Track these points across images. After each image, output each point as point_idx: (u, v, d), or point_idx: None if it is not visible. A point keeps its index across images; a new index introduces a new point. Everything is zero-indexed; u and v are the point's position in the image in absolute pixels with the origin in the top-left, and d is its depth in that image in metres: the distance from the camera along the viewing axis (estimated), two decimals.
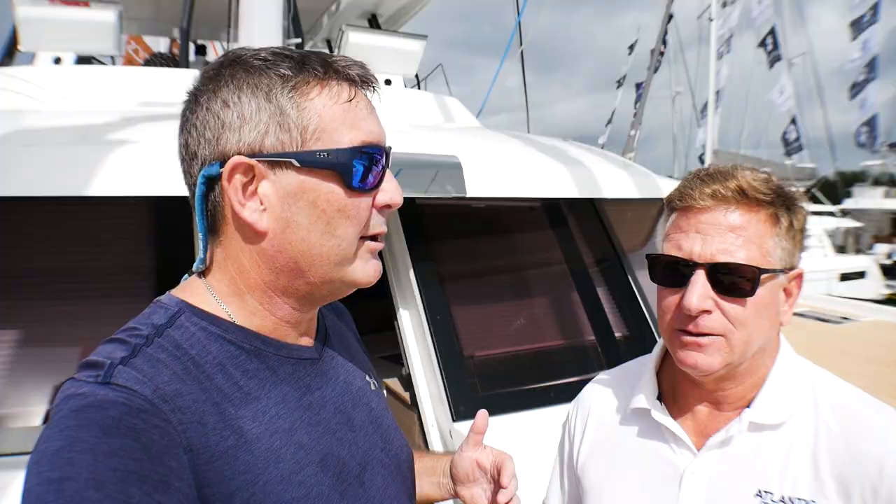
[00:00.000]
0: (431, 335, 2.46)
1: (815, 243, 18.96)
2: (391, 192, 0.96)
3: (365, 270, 0.96)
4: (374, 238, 0.97)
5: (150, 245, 2.36)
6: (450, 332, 2.51)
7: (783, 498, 1.06)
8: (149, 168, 2.23)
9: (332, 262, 0.92)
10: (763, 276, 1.05)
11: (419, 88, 6.03)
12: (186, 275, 1.00)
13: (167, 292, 0.96)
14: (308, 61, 0.90)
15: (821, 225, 20.28)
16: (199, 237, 0.94)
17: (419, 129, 3.38)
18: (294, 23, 4.30)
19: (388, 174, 0.97)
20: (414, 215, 2.73)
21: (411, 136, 3.12)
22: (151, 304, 0.93)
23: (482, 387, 2.46)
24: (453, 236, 2.89)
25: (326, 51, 6.79)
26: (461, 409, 2.34)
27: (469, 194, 2.62)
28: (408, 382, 2.63)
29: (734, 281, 1.06)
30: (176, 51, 6.54)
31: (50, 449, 0.71)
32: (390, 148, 0.99)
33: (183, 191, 2.25)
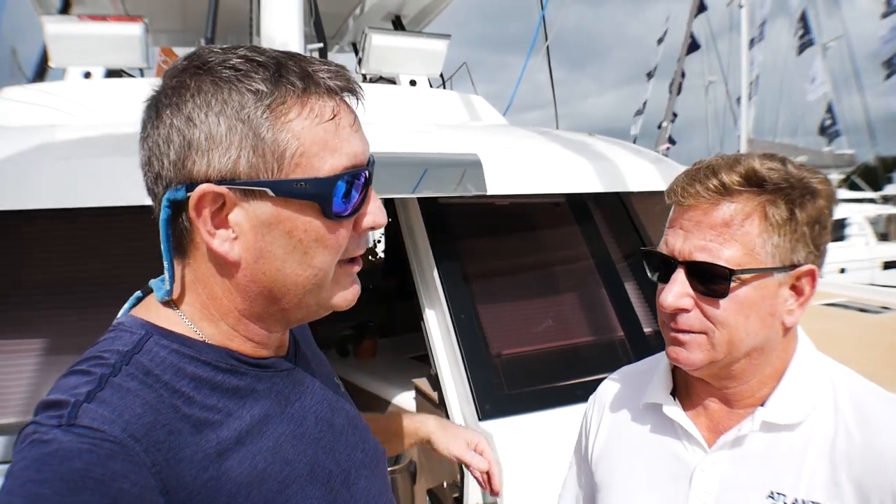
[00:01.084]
0: (456, 335, 2.46)
1: (857, 231, 18.53)
2: (375, 213, 0.91)
3: (343, 296, 0.92)
4: (352, 260, 0.92)
5: None
6: (475, 331, 2.51)
7: (796, 500, 1.02)
8: None
9: (307, 291, 0.87)
10: (744, 276, 1.02)
11: (444, 88, 6.03)
12: (140, 292, 0.94)
13: (127, 313, 0.90)
14: (285, 72, 0.82)
15: (862, 212, 19.79)
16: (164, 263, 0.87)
17: (442, 129, 3.38)
18: (316, 27, 4.33)
19: (372, 193, 0.91)
20: (437, 215, 2.73)
21: (433, 135, 3.12)
22: (112, 329, 0.86)
23: (508, 385, 2.45)
24: (477, 235, 2.88)
25: (353, 55, 6.84)
26: (487, 407, 2.34)
27: (490, 192, 2.61)
28: (436, 382, 2.63)
29: (709, 280, 1.03)
30: None
31: None
32: (372, 161, 0.91)
33: None
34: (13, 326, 2.16)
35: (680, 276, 1.06)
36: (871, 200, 24.41)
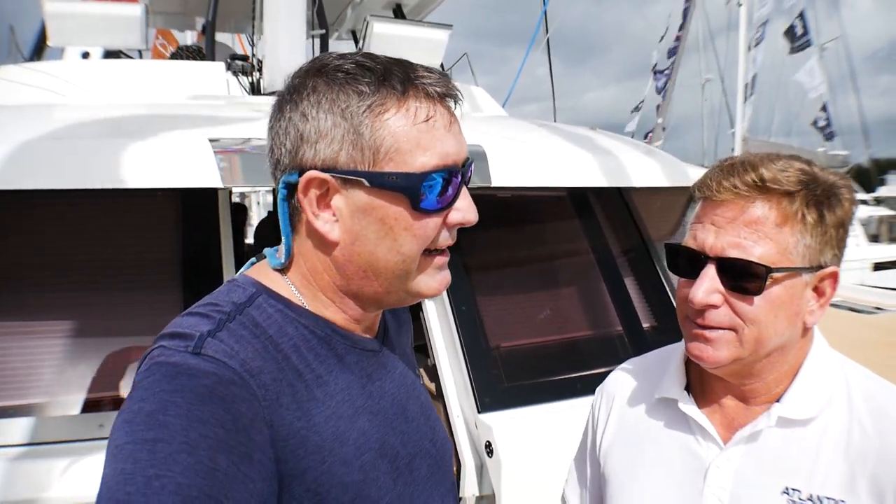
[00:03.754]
0: (457, 326, 2.45)
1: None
2: (465, 211, 0.97)
3: (429, 284, 0.98)
4: (441, 251, 0.98)
5: (177, 237, 2.37)
6: (475, 323, 2.50)
7: (811, 496, 1.03)
8: (177, 159, 2.25)
9: (396, 276, 0.95)
10: (777, 275, 1.02)
11: None
12: (254, 258, 1.06)
13: (241, 273, 1.01)
14: (389, 77, 0.91)
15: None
16: (283, 234, 0.98)
17: None
18: (318, 14, 4.30)
19: (464, 192, 0.97)
20: None
21: None
22: (227, 283, 0.98)
23: (507, 378, 2.45)
24: (478, 226, 2.85)
25: (352, 43, 6.81)
26: (486, 400, 2.33)
27: (494, 184, 2.60)
28: (434, 373, 2.62)
29: (742, 278, 1.03)
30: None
31: (144, 410, 0.75)
32: (470, 161, 0.98)
33: (208, 182, 2.26)
34: (9, 310, 2.14)
35: (710, 272, 1.05)
36: (864, 202, 24.55)
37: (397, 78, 0.91)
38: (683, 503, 1.14)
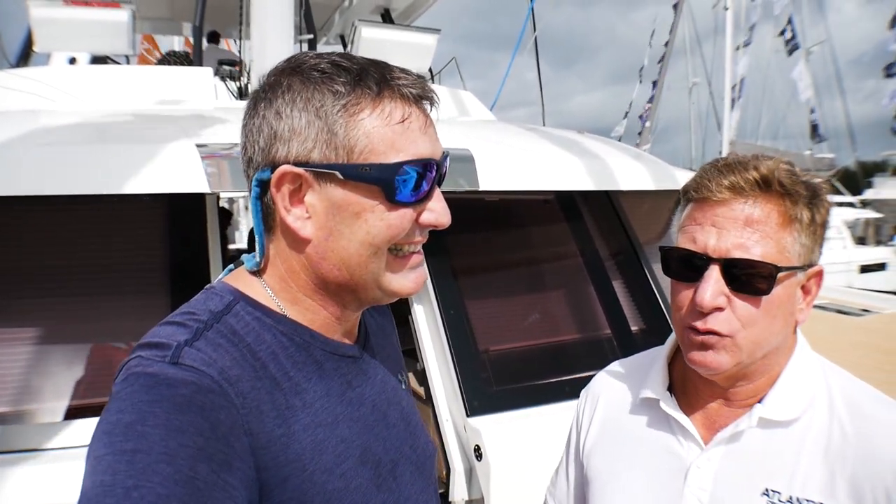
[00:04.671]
0: (445, 330, 2.45)
1: (835, 234, 18.73)
2: (438, 213, 0.96)
3: (403, 283, 0.97)
4: (414, 251, 0.98)
5: (164, 242, 2.36)
6: (464, 327, 2.50)
7: (791, 498, 1.03)
8: (164, 165, 2.25)
9: (370, 271, 0.94)
10: (780, 275, 1.02)
11: (433, 82, 6.01)
12: (232, 265, 1.04)
13: (219, 280, 1.00)
14: (364, 77, 0.90)
15: (840, 216, 19.99)
16: (256, 235, 0.98)
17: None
18: (306, 19, 4.31)
19: (438, 194, 0.96)
20: None
21: None
22: (204, 291, 0.97)
23: (496, 381, 2.45)
24: (467, 230, 2.87)
25: (340, 48, 6.82)
26: (475, 403, 2.33)
27: (482, 188, 2.60)
28: (422, 377, 2.62)
29: (750, 278, 1.02)
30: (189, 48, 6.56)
31: (122, 421, 0.74)
32: (446, 156, 0.98)
33: (196, 188, 2.25)
34: None
35: (715, 273, 1.04)
36: (850, 204, 24.71)
37: (373, 78, 0.90)
38: (663, 503, 1.14)
